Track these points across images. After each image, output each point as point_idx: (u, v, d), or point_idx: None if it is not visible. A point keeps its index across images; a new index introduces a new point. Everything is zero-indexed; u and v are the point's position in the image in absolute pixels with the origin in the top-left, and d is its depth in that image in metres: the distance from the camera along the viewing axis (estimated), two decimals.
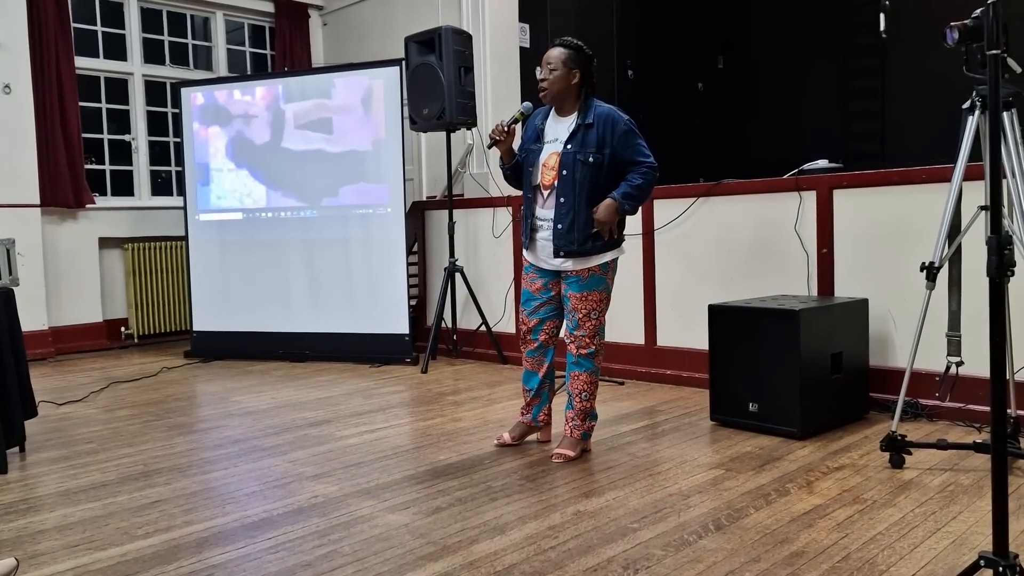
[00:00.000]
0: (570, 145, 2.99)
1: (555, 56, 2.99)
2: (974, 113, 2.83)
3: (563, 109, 3.06)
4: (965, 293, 3.01)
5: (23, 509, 2.69)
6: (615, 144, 2.96)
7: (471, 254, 5.53)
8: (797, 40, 7.28)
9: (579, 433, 3.14)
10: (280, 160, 5.57)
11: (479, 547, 2.27)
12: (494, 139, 3.06)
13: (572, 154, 2.97)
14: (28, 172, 5.68)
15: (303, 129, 5.51)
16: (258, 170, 5.62)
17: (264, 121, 5.59)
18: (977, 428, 3.35)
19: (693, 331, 4.30)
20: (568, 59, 2.98)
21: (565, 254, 3.02)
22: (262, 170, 5.61)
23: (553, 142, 3.05)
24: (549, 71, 2.99)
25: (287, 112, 5.54)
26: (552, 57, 2.99)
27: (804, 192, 3.97)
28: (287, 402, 4.24)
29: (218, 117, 5.70)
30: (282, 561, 2.22)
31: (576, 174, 2.96)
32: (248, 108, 5.63)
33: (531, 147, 3.11)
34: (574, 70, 2.99)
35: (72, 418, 3.98)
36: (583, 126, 2.98)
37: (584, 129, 2.98)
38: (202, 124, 5.73)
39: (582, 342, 3.07)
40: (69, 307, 5.98)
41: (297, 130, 5.52)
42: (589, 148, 2.96)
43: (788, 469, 2.92)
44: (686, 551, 2.22)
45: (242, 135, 5.64)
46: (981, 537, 2.26)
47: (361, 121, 5.39)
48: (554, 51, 3.01)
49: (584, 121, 2.98)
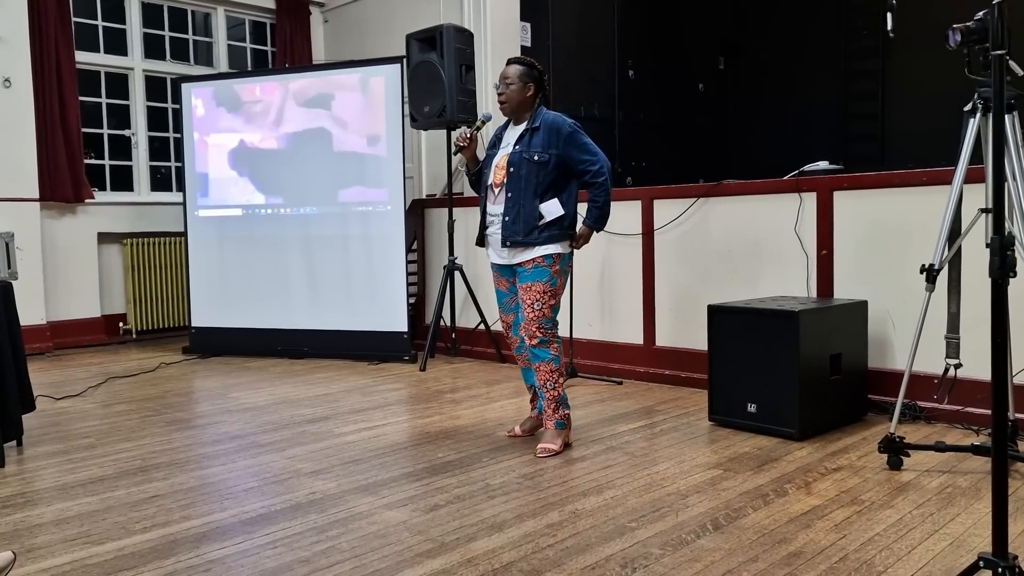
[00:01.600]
0: (518, 146, 3.22)
1: (512, 72, 3.22)
2: (975, 115, 2.82)
3: (519, 119, 3.30)
4: (964, 295, 3.01)
5: (20, 503, 2.69)
6: (562, 146, 3.17)
7: (470, 252, 5.53)
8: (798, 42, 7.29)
9: (553, 423, 3.21)
10: (279, 156, 5.56)
11: (477, 544, 2.27)
12: (459, 146, 3.29)
13: (519, 153, 3.20)
14: (27, 166, 5.67)
15: (302, 125, 5.50)
16: (257, 166, 5.61)
17: (264, 117, 5.58)
18: (975, 431, 3.35)
19: (692, 331, 4.30)
20: (523, 74, 3.22)
21: (511, 244, 3.19)
22: (262, 166, 5.60)
23: (506, 147, 3.29)
24: (507, 86, 3.24)
25: (287, 109, 5.53)
26: (509, 73, 3.22)
27: (804, 193, 3.97)
28: (285, 398, 4.23)
29: (219, 112, 5.69)
30: (280, 557, 2.21)
31: (522, 171, 3.17)
32: (248, 104, 5.62)
33: (489, 152, 3.36)
34: (529, 84, 3.22)
35: (70, 412, 3.97)
36: (530, 130, 3.23)
37: (531, 132, 3.22)
38: (202, 119, 5.72)
39: (530, 332, 3.19)
40: (67, 302, 5.97)
41: (296, 126, 5.52)
42: (535, 148, 3.18)
43: (786, 470, 2.92)
44: (684, 550, 2.22)
45: (242, 130, 5.63)
46: (979, 539, 2.26)
47: (361, 118, 5.39)
48: (511, 68, 3.24)
49: (532, 125, 3.22)
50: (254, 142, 5.61)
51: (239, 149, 5.65)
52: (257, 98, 5.62)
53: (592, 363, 4.68)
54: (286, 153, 5.55)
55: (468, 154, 3.32)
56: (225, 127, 5.67)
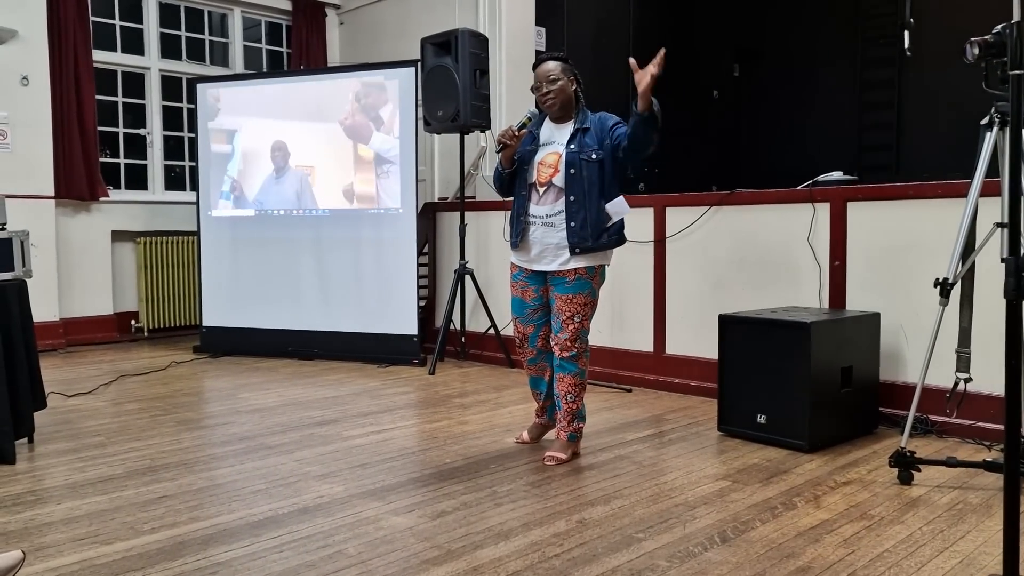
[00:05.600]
0: (572, 146, 3.13)
1: (555, 68, 3.15)
2: (992, 129, 2.80)
3: (562, 118, 3.22)
4: (977, 310, 2.99)
5: (31, 501, 2.70)
6: (611, 136, 3.11)
7: (482, 257, 5.53)
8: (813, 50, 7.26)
9: (566, 435, 3.19)
10: (292, 158, 5.58)
11: (483, 552, 2.27)
12: (503, 143, 3.16)
13: (575, 154, 3.11)
14: (44, 164, 5.71)
15: (316, 127, 5.52)
16: (271, 167, 5.63)
17: (278, 119, 5.60)
18: (987, 446, 3.32)
19: (702, 340, 4.28)
20: (565, 69, 3.16)
21: (581, 250, 3.09)
22: (275, 167, 5.63)
23: (551, 144, 3.20)
24: (551, 82, 3.15)
25: (301, 110, 5.55)
26: (551, 69, 3.15)
27: (818, 204, 3.95)
28: (295, 400, 4.25)
29: (234, 113, 5.71)
30: (286, 561, 2.22)
31: (583, 172, 3.10)
32: (263, 105, 5.65)
33: (527, 149, 3.22)
34: (571, 77, 3.18)
35: (81, 410, 4.00)
36: (581, 130, 3.15)
37: (582, 132, 3.15)
38: (217, 120, 5.74)
39: (564, 344, 3.14)
40: (80, 299, 6.01)
41: (310, 128, 5.53)
42: (590, 147, 3.12)
43: (795, 483, 2.91)
44: (691, 563, 2.21)
45: (256, 131, 5.65)
46: (989, 557, 2.24)
47: (375, 121, 5.40)
48: (551, 64, 3.17)
49: (581, 125, 3.16)
50: (268, 143, 5.63)
51: (253, 150, 5.67)
52: (272, 99, 5.64)
53: (602, 370, 4.67)
54: (299, 155, 5.57)
55: (510, 152, 3.18)
56: (240, 128, 5.70)
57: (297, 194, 5.58)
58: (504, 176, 3.25)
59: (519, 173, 3.23)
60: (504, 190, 3.31)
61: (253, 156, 5.67)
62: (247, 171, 5.68)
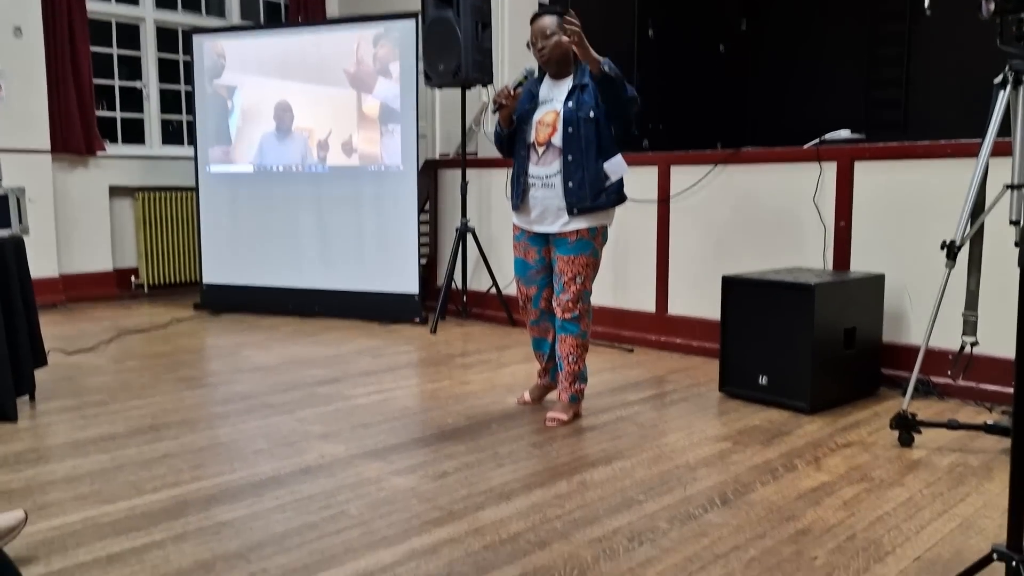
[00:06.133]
0: (570, 103, 3.06)
1: (550, 23, 3.08)
2: (1006, 88, 2.74)
3: (560, 73, 3.14)
4: (985, 272, 2.96)
5: (33, 459, 2.71)
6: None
7: (484, 215, 5.48)
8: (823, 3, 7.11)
9: (568, 396, 3.19)
10: (291, 113, 5.50)
11: (485, 514, 2.28)
12: (499, 103, 3.09)
13: (573, 112, 3.04)
14: (39, 117, 5.63)
15: (314, 81, 5.43)
16: (269, 122, 5.55)
17: (276, 72, 5.50)
18: (988, 408, 3.32)
19: (705, 300, 4.26)
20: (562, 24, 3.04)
21: (579, 211, 3.04)
22: (273, 123, 5.55)
23: (549, 102, 3.13)
24: (546, 38, 3.07)
25: (299, 64, 5.45)
26: (547, 24, 3.08)
27: (825, 163, 3.90)
28: (296, 359, 4.24)
29: (231, 66, 5.61)
30: (288, 521, 2.22)
31: (581, 130, 3.03)
32: (261, 58, 5.54)
33: (526, 108, 3.15)
34: None
35: (82, 368, 4.00)
36: (579, 87, 3.07)
37: (580, 89, 3.06)
38: (214, 73, 5.64)
39: (566, 306, 3.12)
40: (80, 255, 5.98)
41: (308, 82, 5.44)
42: (588, 105, 3.04)
43: (796, 444, 2.91)
44: (691, 525, 2.22)
45: (253, 85, 5.56)
46: (989, 520, 2.25)
47: (374, 76, 5.31)
48: (548, 19, 3.09)
49: (580, 82, 3.07)
50: (265, 97, 5.54)
51: (250, 104, 5.59)
52: (270, 52, 5.54)
53: (604, 330, 4.65)
54: (297, 110, 5.49)
55: (507, 112, 3.11)
56: (237, 81, 5.60)
57: (296, 150, 5.51)
58: (503, 136, 3.20)
59: (518, 132, 3.17)
60: (505, 150, 3.26)
61: (249, 110, 5.58)
62: (244, 126, 5.60)
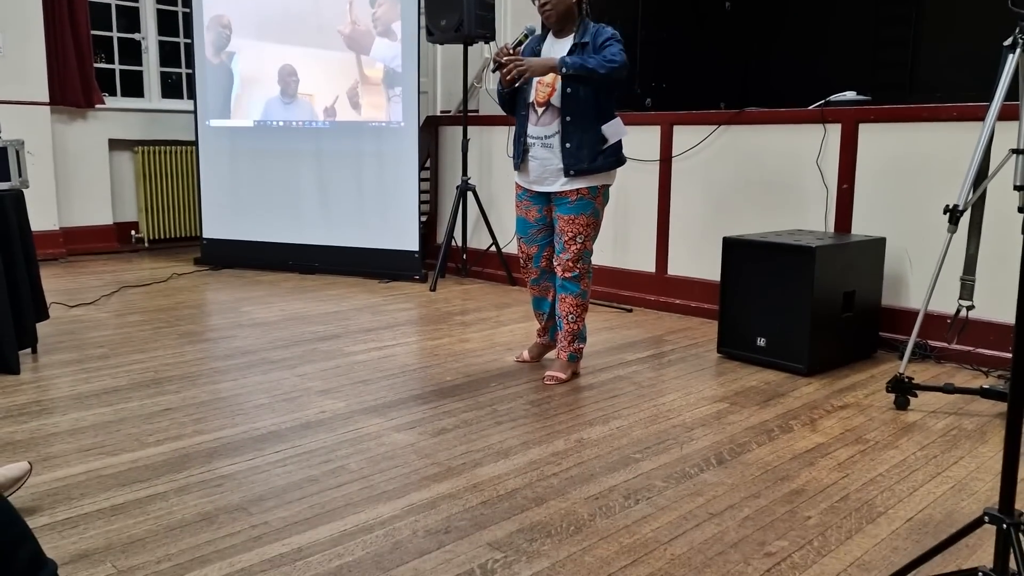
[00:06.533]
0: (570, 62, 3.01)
1: None
2: (1015, 51, 2.71)
3: (562, 31, 3.10)
4: (985, 237, 2.96)
5: (36, 411, 2.74)
6: (597, 48, 2.97)
7: (484, 173, 5.46)
8: None
9: (566, 355, 3.21)
10: (292, 67, 5.44)
11: (483, 470, 2.31)
12: (499, 62, 3.05)
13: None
14: (37, 69, 5.57)
15: (315, 37, 5.35)
16: (269, 77, 5.50)
17: (277, 26, 5.43)
18: (984, 372, 3.34)
19: (705, 261, 4.26)
20: None
21: (575, 172, 3.04)
22: (273, 77, 5.49)
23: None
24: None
25: (300, 18, 5.38)
26: None
27: (829, 124, 3.87)
28: (296, 315, 4.26)
29: (230, 20, 5.53)
30: (289, 475, 2.26)
31: (580, 91, 3.00)
32: (261, 12, 5.46)
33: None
34: None
35: (83, 321, 4.01)
36: (580, 44, 3.03)
37: (581, 48, 3.02)
38: (213, 26, 5.57)
39: (566, 265, 3.12)
40: (80, 208, 5.97)
41: (309, 38, 5.37)
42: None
43: (792, 406, 2.94)
44: (687, 483, 2.25)
45: (253, 39, 5.49)
46: (981, 483, 2.28)
47: (375, 31, 5.24)
48: None
49: (581, 40, 3.03)
50: (266, 52, 5.48)
51: (250, 59, 5.52)
52: (270, 5, 5.45)
53: (603, 289, 4.66)
54: (299, 64, 5.43)
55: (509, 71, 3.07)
56: (236, 35, 5.53)
57: (296, 105, 5.46)
58: (505, 95, 3.19)
59: (519, 91, 3.14)
60: (508, 108, 3.25)
61: (249, 65, 5.51)
62: (244, 80, 5.54)
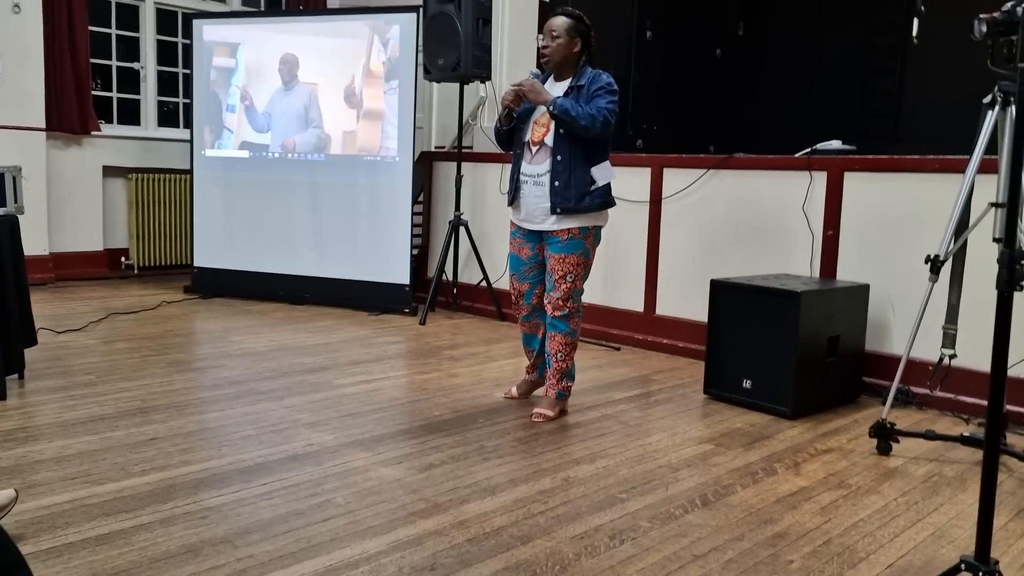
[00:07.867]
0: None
1: (559, 25, 3.11)
2: (994, 108, 2.80)
3: (561, 75, 3.17)
4: (966, 287, 3.02)
5: (22, 437, 2.73)
6: (590, 94, 3.04)
7: (477, 208, 5.51)
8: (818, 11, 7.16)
9: (554, 392, 3.23)
10: (288, 100, 5.51)
11: (469, 507, 2.32)
12: (508, 106, 3.14)
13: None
14: (35, 95, 5.61)
15: (314, 70, 5.43)
16: (266, 109, 5.56)
17: (275, 60, 5.51)
18: (965, 420, 3.39)
19: (693, 302, 4.31)
20: (571, 28, 3.11)
21: (562, 211, 3.08)
22: (270, 109, 5.55)
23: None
24: (552, 38, 3.11)
25: (299, 53, 5.46)
26: (556, 26, 3.11)
27: (815, 172, 3.95)
28: (285, 345, 4.27)
29: (229, 52, 5.61)
30: (275, 508, 2.26)
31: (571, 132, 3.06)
32: (260, 45, 5.54)
33: (526, 107, 3.19)
34: (576, 39, 3.12)
35: (71, 347, 4.01)
36: (575, 87, 3.10)
37: (576, 90, 3.09)
38: (212, 58, 5.64)
39: (556, 303, 3.16)
40: (71, 234, 5.97)
41: (308, 71, 5.45)
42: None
43: (777, 448, 2.97)
44: (672, 525, 2.27)
45: (251, 72, 5.56)
46: (960, 531, 2.31)
47: (374, 66, 5.32)
48: (558, 20, 3.12)
49: (577, 83, 3.10)
50: (263, 85, 5.55)
51: (248, 91, 5.59)
52: (269, 40, 5.54)
53: (592, 327, 4.70)
54: (295, 97, 5.49)
55: (508, 112, 3.17)
56: (235, 67, 5.60)
57: (292, 137, 5.51)
58: (503, 134, 3.26)
59: (517, 130, 3.22)
60: (505, 146, 3.32)
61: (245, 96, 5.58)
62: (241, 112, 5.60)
